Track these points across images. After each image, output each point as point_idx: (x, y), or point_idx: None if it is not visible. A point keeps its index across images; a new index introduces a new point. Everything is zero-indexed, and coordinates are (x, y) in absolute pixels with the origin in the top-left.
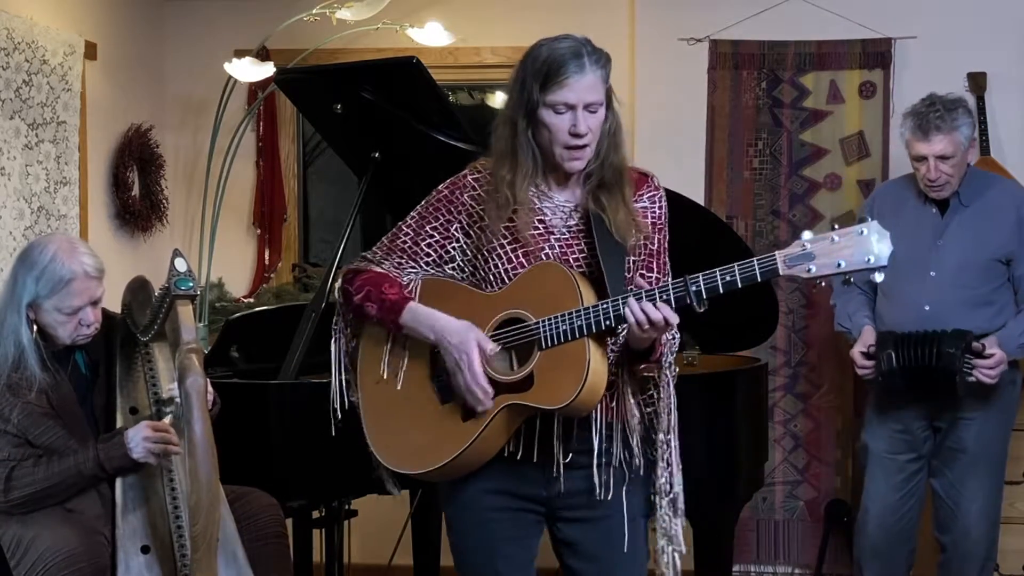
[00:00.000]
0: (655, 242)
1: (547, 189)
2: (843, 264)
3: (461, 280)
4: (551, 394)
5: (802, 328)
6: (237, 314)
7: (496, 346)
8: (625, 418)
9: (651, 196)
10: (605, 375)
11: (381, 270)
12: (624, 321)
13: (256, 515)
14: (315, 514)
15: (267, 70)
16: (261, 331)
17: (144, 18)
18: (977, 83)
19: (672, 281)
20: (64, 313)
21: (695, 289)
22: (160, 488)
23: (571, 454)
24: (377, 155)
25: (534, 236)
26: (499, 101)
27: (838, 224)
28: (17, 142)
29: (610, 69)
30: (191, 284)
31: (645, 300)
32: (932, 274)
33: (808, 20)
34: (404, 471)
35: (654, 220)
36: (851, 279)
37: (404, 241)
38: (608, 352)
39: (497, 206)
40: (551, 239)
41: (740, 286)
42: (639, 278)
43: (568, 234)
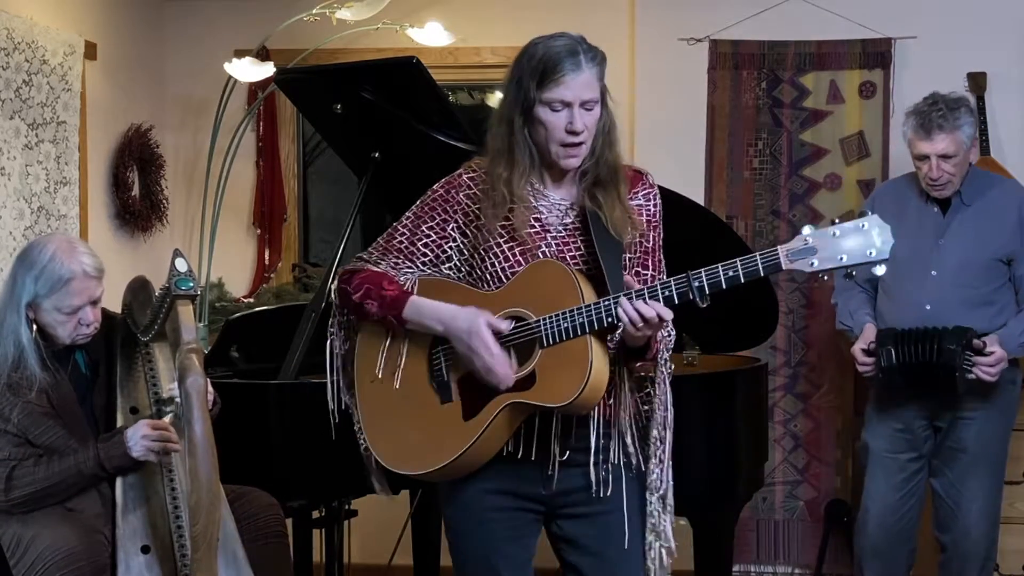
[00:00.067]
0: (650, 240)
1: (543, 187)
2: (845, 258)
3: (458, 280)
4: (554, 392)
5: (802, 328)
6: (237, 314)
7: (509, 324)
8: (623, 415)
9: (646, 194)
10: (607, 372)
11: (379, 269)
12: None
13: (256, 515)
14: (315, 514)
15: (267, 70)
16: (261, 331)
17: (144, 18)
18: (977, 83)
19: (675, 277)
20: (63, 313)
21: (697, 284)
22: (160, 488)
23: (568, 452)
24: (377, 155)
25: (531, 234)
26: (498, 101)
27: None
28: (17, 142)
29: (605, 67)
30: (191, 284)
31: (636, 298)
32: (933, 273)
33: (808, 20)
34: (405, 472)
35: (649, 218)
36: (853, 273)
37: (400, 241)
38: (609, 350)
39: (494, 204)
40: (548, 237)
41: (743, 281)
42: (633, 276)
43: (565, 232)
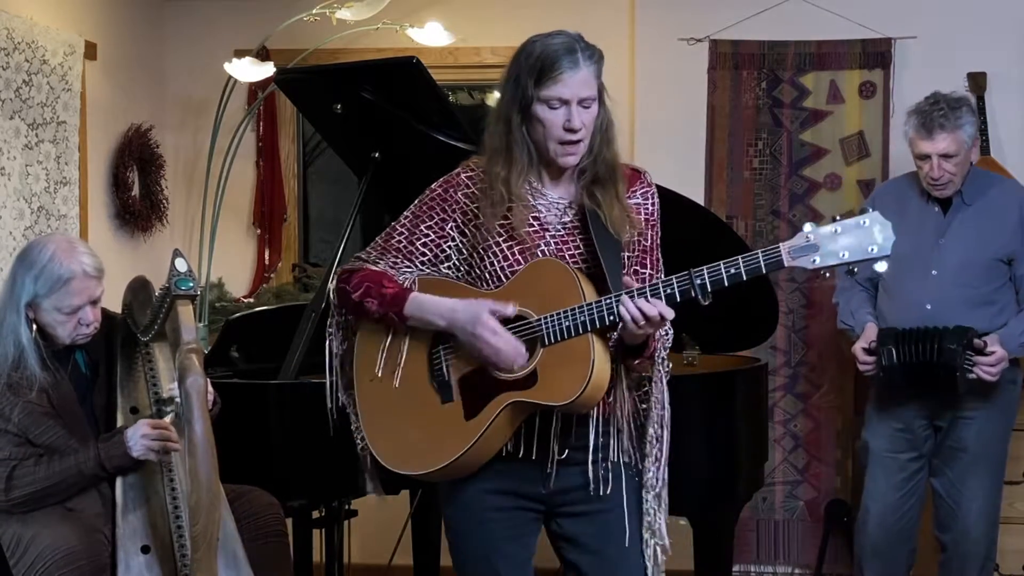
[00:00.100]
0: (648, 238)
1: (541, 186)
2: (846, 254)
3: (457, 279)
4: (556, 391)
5: (802, 328)
6: (237, 314)
7: (514, 307)
8: (621, 413)
9: (644, 192)
10: (609, 371)
11: (377, 269)
12: None
13: (256, 514)
14: (315, 514)
15: (267, 70)
16: (261, 331)
17: (144, 18)
18: (977, 83)
19: (676, 274)
20: (63, 312)
21: (700, 282)
22: (160, 488)
23: (568, 450)
24: (377, 155)
25: (530, 233)
26: (496, 100)
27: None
28: (17, 142)
29: (602, 65)
30: (191, 284)
31: (637, 296)
32: (934, 273)
33: (808, 20)
34: (405, 472)
35: (647, 216)
36: (855, 269)
37: (399, 241)
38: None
39: (492, 203)
40: (546, 236)
41: (745, 278)
42: (632, 275)
43: (563, 231)
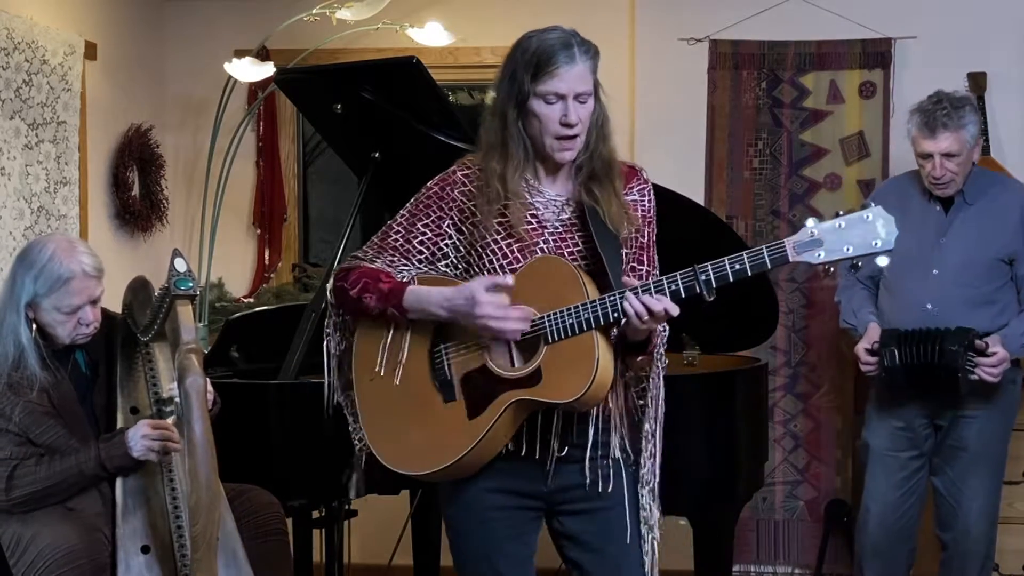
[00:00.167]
0: (645, 235)
1: (538, 184)
2: (850, 249)
3: (455, 277)
4: (561, 388)
5: (802, 328)
6: (237, 314)
7: (511, 279)
8: (621, 410)
9: (640, 189)
10: (612, 368)
11: (374, 266)
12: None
13: (256, 512)
14: (315, 514)
15: (267, 70)
16: (261, 331)
17: (144, 18)
18: (977, 83)
19: (681, 271)
20: (63, 312)
21: (704, 278)
22: (160, 488)
23: (567, 448)
24: (377, 155)
25: (528, 231)
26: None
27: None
28: (17, 142)
29: (598, 60)
30: (191, 284)
31: (641, 292)
32: (935, 272)
33: (808, 20)
34: (407, 472)
35: (644, 213)
36: (859, 264)
37: (395, 239)
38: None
39: (488, 200)
40: (545, 233)
41: (750, 274)
42: (629, 271)
43: (562, 228)
